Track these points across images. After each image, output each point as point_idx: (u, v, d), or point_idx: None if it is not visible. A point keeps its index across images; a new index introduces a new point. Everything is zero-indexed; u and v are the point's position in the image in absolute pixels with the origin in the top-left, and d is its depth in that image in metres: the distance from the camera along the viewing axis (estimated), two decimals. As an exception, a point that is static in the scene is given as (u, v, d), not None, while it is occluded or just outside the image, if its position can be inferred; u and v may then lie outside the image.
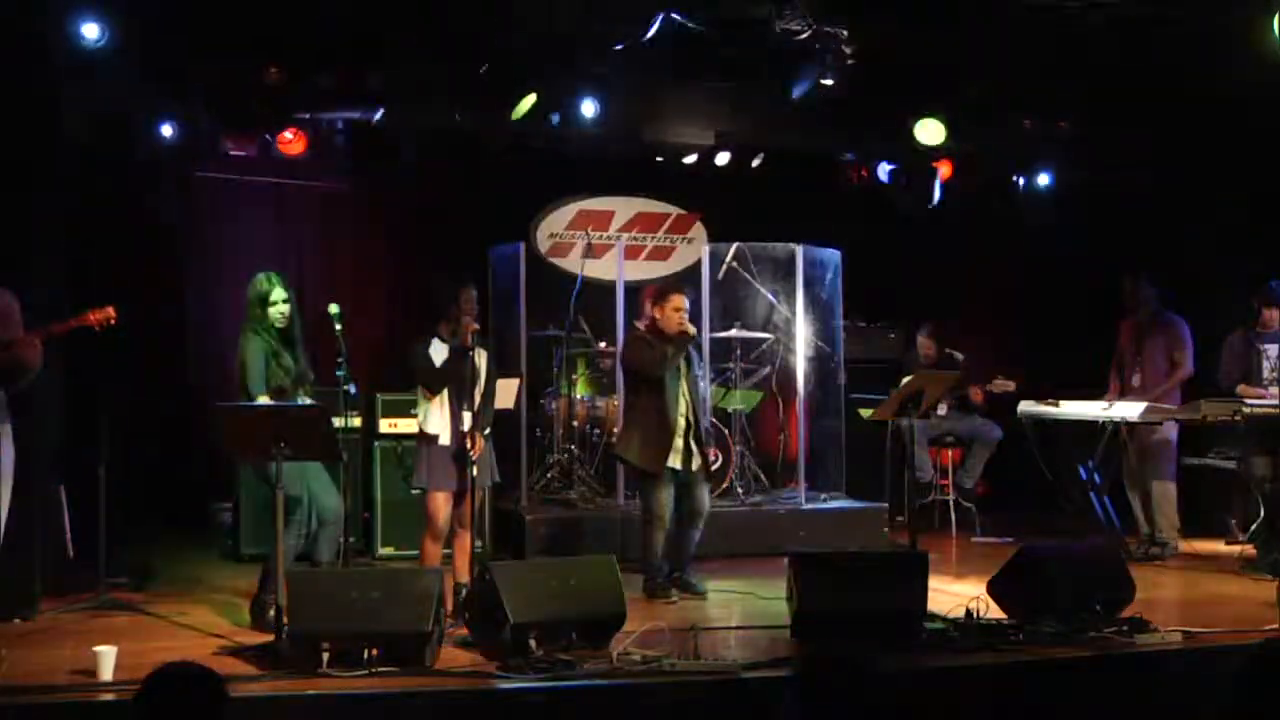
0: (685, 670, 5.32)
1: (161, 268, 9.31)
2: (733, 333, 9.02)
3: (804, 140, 9.64)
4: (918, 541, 6.95)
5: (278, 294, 6.37)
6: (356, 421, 6.96)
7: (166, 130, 8.55)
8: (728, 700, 5.22)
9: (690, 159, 9.74)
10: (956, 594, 6.55)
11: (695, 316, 8.63)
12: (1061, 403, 8.52)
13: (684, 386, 7.09)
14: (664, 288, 7.31)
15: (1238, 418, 7.80)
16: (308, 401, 6.36)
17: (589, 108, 8.61)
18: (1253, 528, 7.98)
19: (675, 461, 6.99)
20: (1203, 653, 5.80)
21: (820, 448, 9.44)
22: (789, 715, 3.50)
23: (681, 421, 7.03)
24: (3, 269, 6.74)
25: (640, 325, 7.23)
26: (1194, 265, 9.47)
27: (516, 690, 5.12)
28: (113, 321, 6.39)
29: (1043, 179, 10.08)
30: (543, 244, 8.90)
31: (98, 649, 5.18)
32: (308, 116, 8.67)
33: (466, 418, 6.40)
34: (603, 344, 9.03)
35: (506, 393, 7.83)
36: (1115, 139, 9.43)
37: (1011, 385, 9.08)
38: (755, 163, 9.86)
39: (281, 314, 6.38)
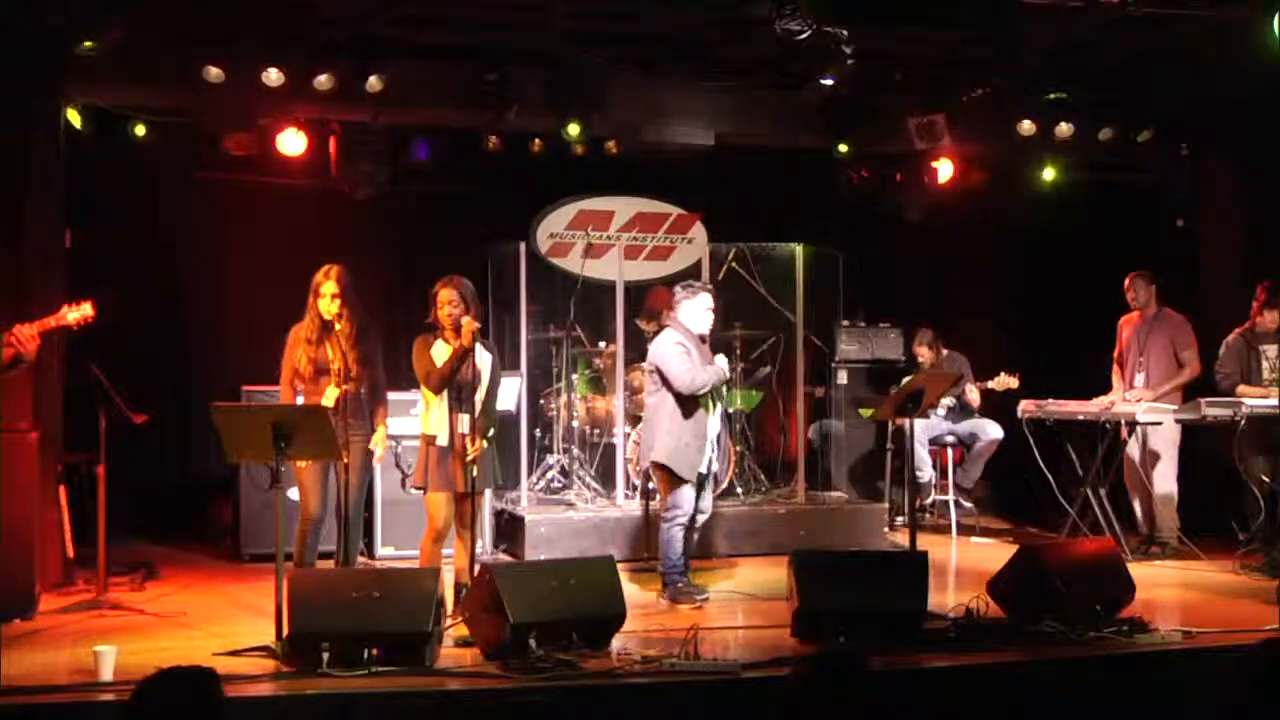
0: (685, 670, 5.32)
1: (161, 268, 9.30)
2: (733, 332, 9.02)
3: (804, 140, 9.64)
4: (918, 541, 6.95)
5: (328, 287, 6.50)
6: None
7: (166, 129, 8.56)
8: (728, 700, 5.22)
9: (690, 159, 9.73)
10: (956, 594, 6.54)
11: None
12: (1061, 402, 8.52)
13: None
14: (692, 286, 7.21)
15: (1238, 418, 7.80)
16: (330, 398, 6.38)
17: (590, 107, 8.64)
18: (1253, 528, 7.98)
19: (703, 464, 6.99)
20: (1203, 653, 5.80)
21: (820, 448, 9.43)
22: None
23: (714, 423, 7.01)
24: (2, 269, 6.76)
25: (643, 325, 7.21)
26: (1194, 265, 9.47)
27: (516, 690, 5.12)
28: (90, 319, 6.39)
29: (1042, 179, 10.07)
30: (543, 244, 8.89)
31: (98, 649, 5.18)
32: (307, 116, 8.67)
33: (466, 419, 6.40)
34: (602, 344, 9.04)
35: (507, 393, 7.83)
36: (1116, 139, 9.43)
37: (1014, 382, 9.08)
38: (755, 163, 9.85)
39: (326, 307, 6.48)
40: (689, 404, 6.95)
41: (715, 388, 6.98)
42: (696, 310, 7.03)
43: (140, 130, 8.41)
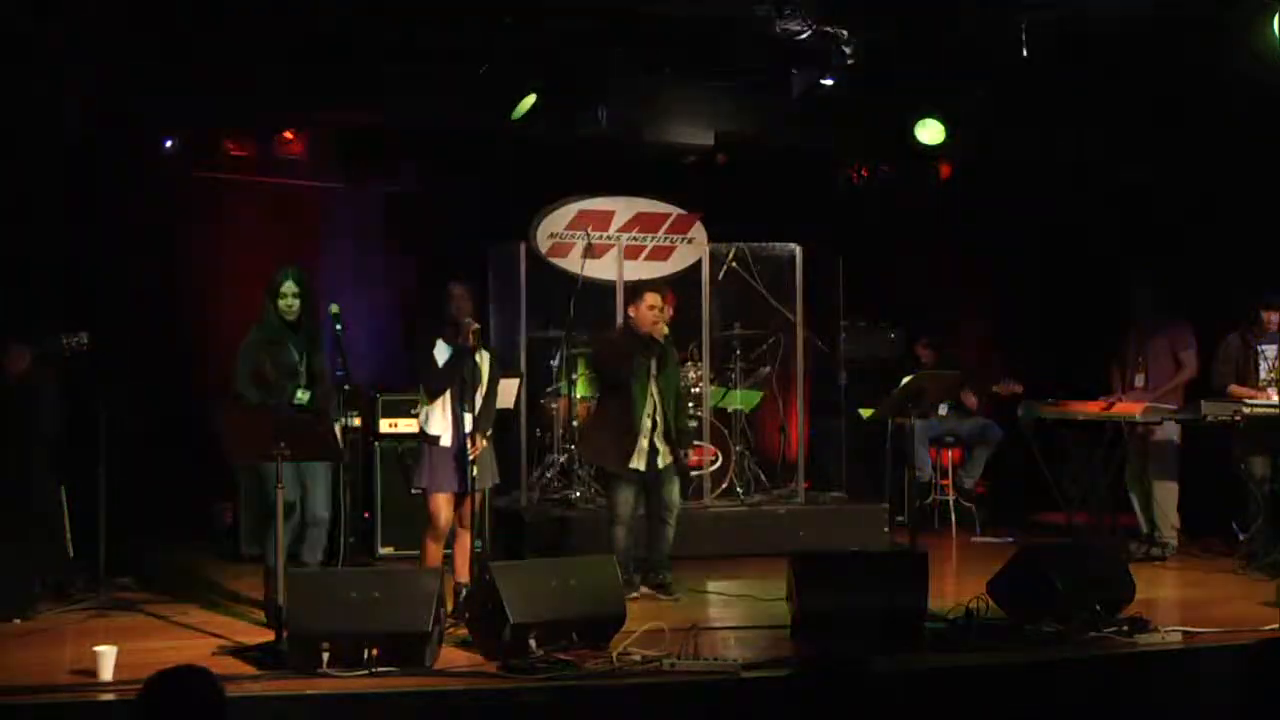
0: (685, 670, 5.32)
1: (161, 268, 9.30)
2: (733, 332, 9.02)
3: (804, 140, 9.64)
4: (918, 541, 6.95)
5: (288, 287, 6.44)
6: (356, 421, 6.96)
7: (166, 130, 8.57)
8: (728, 700, 5.21)
9: (690, 159, 9.73)
10: (956, 594, 6.55)
11: (695, 317, 8.66)
12: (1062, 403, 8.51)
13: (652, 387, 7.06)
14: (638, 285, 7.31)
15: (1238, 418, 7.80)
16: (303, 398, 6.37)
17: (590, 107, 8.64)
18: (1253, 528, 7.98)
19: (639, 463, 6.97)
20: (1203, 653, 5.80)
21: (820, 448, 9.42)
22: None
23: (647, 422, 7.00)
24: (2, 269, 6.76)
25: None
26: (1194, 265, 9.46)
27: (516, 690, 5.12)
28: (84, 347, 6.40)
29: (1043, 178, 10.07)
30: (543, 244, 8.89)
31: (98, 649, 5.18)
32: (307, 116, 8.67)
33: (468, 419, 6.40)
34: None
35: (506, 393, 7.83)
36: (1115, 139, 9.43)
37: (1019, 387, 9.08)
38: (755, 163, 9.85)
39: (288, 307, 6.42)
40: (615, 400, 7.03)
41: (649, 386, 7.00)
42: (639, 309, 7.09)
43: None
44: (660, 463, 7.04)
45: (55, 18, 7.24)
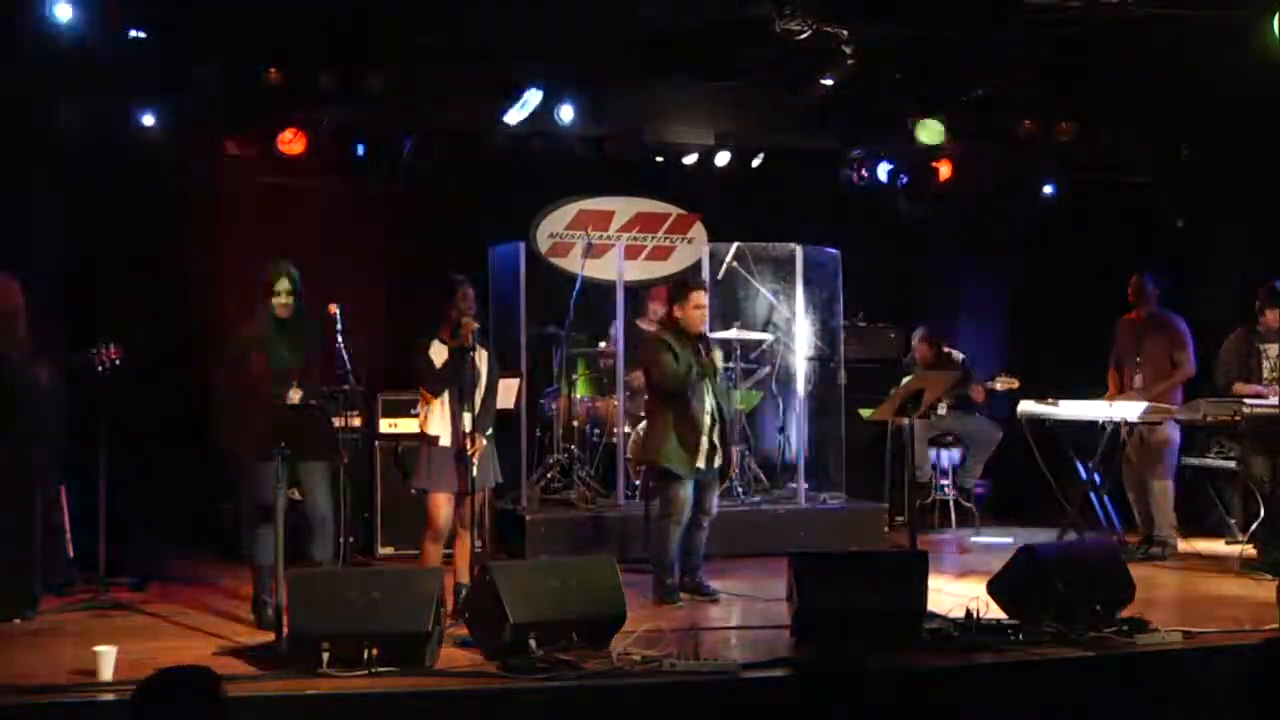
0: (685, 670, 5.32)
1: (161, 267, 9.30)
2: (733, 333, 9.02)
3: (804, 140, 9.64)
4: (918, 541, 6.94)
5: (282, 284, 6.36)
6: (357, 421, 6.95)
7: (165, 130, 8.56)
8: (728, 700, 5.22)
9: (690, 159, 9.73)
10: (956, 594, 6.54)
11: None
12: (1061, 403, 8.51)
13: (709, 383, 7.01)
14: (684, 282, 7.20)
15: (1238, 418, 7.80)
16: (294, 398, 6.34)
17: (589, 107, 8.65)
18: (1253, 528, 7.99)
19: (700, 461, 6.94)
20: (1203, 653, 5.80)
21: (820, 448, 9.42)
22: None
23: (707, 419, 6.96)
24: (2, 270, 6.75)
25: (644, 325, 7.19)
26: (1194, 265, 9.47)
27: (516, 690, 5.12)
28: (116, 360, 6.44)
29: (1043, 178, 10.09)
30: (543, 244, 8.89)
31: (98, 649, 5.18)
32: (307, 116, 8.67)
33: (467, 419, 6.40)
34: (602, 344, 9.03)
35: (506, 393, 7.83)
36: (1115, 139, 9.44)
37: (1015, 383, 9.09)
38: (755, 163, 9.86)
39: (282, 305, 6.37)
40: (675, 402, 6.94)
41: (705, 384, 6.94)
42: (687, 309, 7.02)
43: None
44: (716, 461, 7.02)
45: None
